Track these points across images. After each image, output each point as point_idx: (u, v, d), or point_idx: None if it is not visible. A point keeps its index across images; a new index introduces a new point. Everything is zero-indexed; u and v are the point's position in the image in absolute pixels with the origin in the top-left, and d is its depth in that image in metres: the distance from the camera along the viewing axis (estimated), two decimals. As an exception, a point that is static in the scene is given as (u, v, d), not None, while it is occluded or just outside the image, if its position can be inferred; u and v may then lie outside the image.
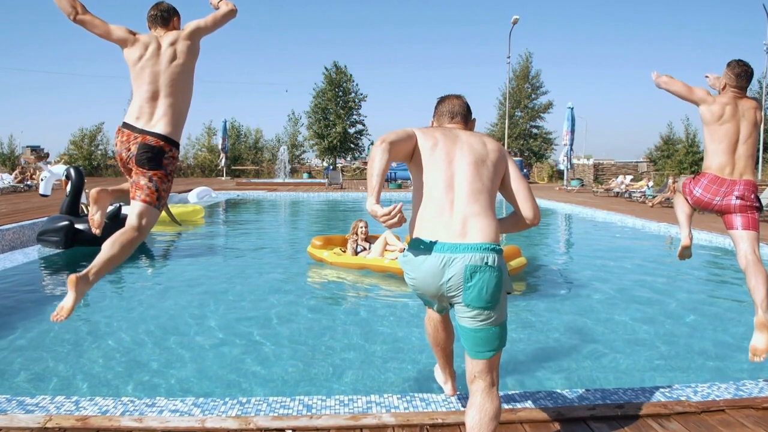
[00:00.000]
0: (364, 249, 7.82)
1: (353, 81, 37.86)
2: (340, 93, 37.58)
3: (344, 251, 7.79)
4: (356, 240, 7.85)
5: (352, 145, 38.59)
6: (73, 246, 8.70)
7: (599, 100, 78.85)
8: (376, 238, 7.90)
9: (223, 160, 34.45)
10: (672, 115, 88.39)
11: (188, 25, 3.27)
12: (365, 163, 37.10)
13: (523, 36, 73.62)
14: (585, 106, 77.11)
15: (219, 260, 8.66)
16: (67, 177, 9.79)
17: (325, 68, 37.66)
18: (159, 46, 3.18)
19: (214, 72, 75.82)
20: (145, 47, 3.16)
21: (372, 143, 25.21)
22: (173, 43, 3.19)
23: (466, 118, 2.69)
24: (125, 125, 3.16)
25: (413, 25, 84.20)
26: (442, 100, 2.74)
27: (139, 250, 9.50)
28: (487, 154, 2.47)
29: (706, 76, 4.07)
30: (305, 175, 36.08)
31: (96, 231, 3.35)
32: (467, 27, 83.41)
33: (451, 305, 2.47)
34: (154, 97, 3.14)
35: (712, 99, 3.81)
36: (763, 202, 13.94)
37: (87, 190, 12.09)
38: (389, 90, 76.29)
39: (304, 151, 40.95)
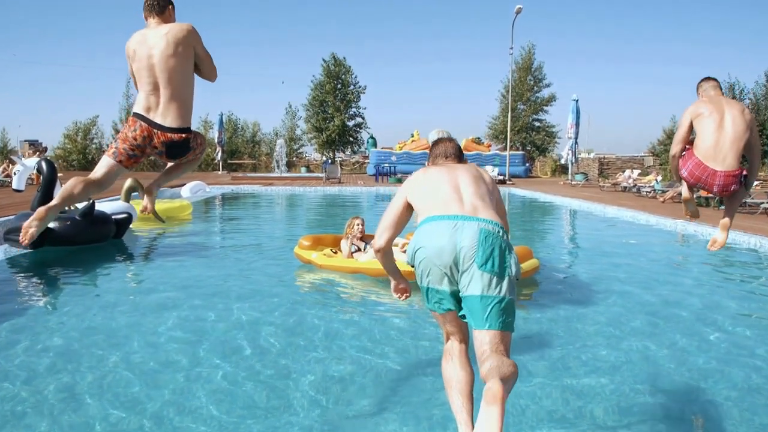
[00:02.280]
0: (359, 249, 7.08)
1: (352, 73, 37.10)
2: (339, 85, 36.80)
3: (335, 252, 7.03)
4: (353, 238, 7.09)
5: (351, 139, 37.85)
6: (43, 246, 7.96)
7: (599, 94, 77.79)
8: (372, 237, 7.14)
9: (220, 154, 33.71)
10: (675, 109, 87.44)
11: (192, 30, 3.25)
12: (365, 157, 36.45)
13: (524, 30, 72.53)
14: (586, 100, 76.07)
15: (196, 263, 7.85)
16: (39, 171, 9.05)
17: (324, 60, 36.92)
18: (147, 39, 3.21)
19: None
20: (137, 44, 3.21)
21: (371, 137, 24.88)
22: (166, 36, 3.18)
23: (458, 158, 2.90)
24: (139, 116, 3.20)
25: (413, 21, 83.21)
26: (436, 144, 2.98)
27: (115, 249, 8.80)
28: (482, 176, 2.69)
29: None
30: (303, 169, 35.34)
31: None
32: (468, 23, 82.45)
33: (458, 302, 2.49)
34: (155, 89, 3.19)
35: (692, 106, 4.15)
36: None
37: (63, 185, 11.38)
38: (389, 86, 75.34)
39: (303, 145, 40.20)
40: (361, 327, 4.93)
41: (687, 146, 4.18)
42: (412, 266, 2.57)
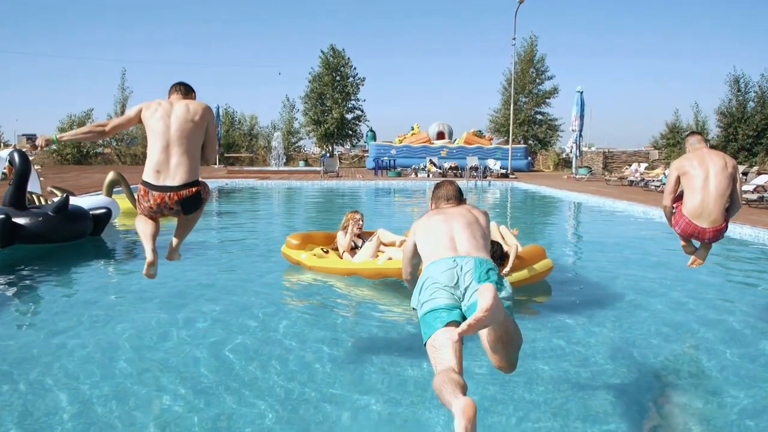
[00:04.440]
0: (356, 247, 6.45)
1: (351, 65, 36.36)
2: (338, 77, 36.06)
3: (327, 252, 6.39)
4: (354, 224, 6.44)
5: (350, 132, 37.13)
6: (12, 243, 7.36)
7: (598, 88, 76.75)
8: (369, 234, 6.52)
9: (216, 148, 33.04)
10: (676, 103, 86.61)
11: (209, 107, 3.78)
12: (365, 151, 35.79)
13: (526, 24, 71.49)
14: (586, 94, 74.92)
15: (175, 264, 7.10)
16: (10, 162, 8.41)
17: (322, 51, 36.17)
18: (171, 105, 3.63)
19: (210, 55, 74.41)
20: (158, 105, 3.62)
21: (371, 129, 24.78)
22: (187, 105, 3.64)
23: (458, 199, 3.16)
24: (150, 185, 3.51)
25: (413, 14, 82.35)
26: (438, 187, 3.25)
27: (92, 247, 8.17)
28: (477, 219, 2.93)
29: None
30: (301, 162, 34.66)
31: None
32: (469, 15, 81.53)
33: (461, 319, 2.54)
34: (166, 148, 3.49)
35: (679, 161, 4.61)
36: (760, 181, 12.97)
37: (42, 178, 10.70)
38: (389, 79, 74.52)
39: (301, 138, 39.47)
40: (355, 350, 4.19)
41: (676, 203, 4.67)
42: (414, 308, 2.69)
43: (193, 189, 3.56)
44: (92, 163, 33.97)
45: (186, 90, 3.84)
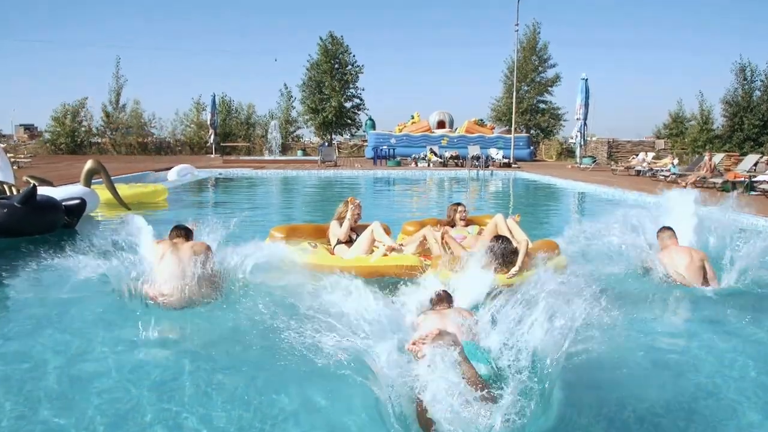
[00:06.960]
0: (349, 240, 5.82)
1: (350, 52, 35.62)
2: (336, 65, 35.33)
3: (315, 246, 5.75)
4: (353, 210, 5.86)
5: (348, 121, 36.43)
6: (-25, 237, 6.75)
7: (601, 79, 75.37)
8: (363, 227, 5.89)
9: (212, 137, 32.34)
10: (680, 93, 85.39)
11: (209, 247, 4.67)
12: (364, 140, 35.17)
13: (527, 11, 70.14)
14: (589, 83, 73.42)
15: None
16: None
17: (320, 38, 35.40)
18: (177, 248, 4.44)
19: (207, 43, 73.53)
20: (162, 255, 4.39)
21: (370, 118, 24.29)
22: (192, 246, 4.45)
23: (449, 302, 4.12)
24: None
25: (414, 2, 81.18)
26: (434, 294, 4.20)
27: (66, 241, 7.53)
28: (465, 320, 3.69)
29: None
30: (299, 152, 33.98)
31: None
32: (470, 5, 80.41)
33: None
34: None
35: (658, 253, 5.62)
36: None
37: (16, 167, 10.05)
38: (388, 68, 73.49)
39: (299, 127, 38.73)
40: (338, 374, 3.27)
41: None
42: None
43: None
44: (87, 153, 33.23)
45: (187, 235, 4.45)
